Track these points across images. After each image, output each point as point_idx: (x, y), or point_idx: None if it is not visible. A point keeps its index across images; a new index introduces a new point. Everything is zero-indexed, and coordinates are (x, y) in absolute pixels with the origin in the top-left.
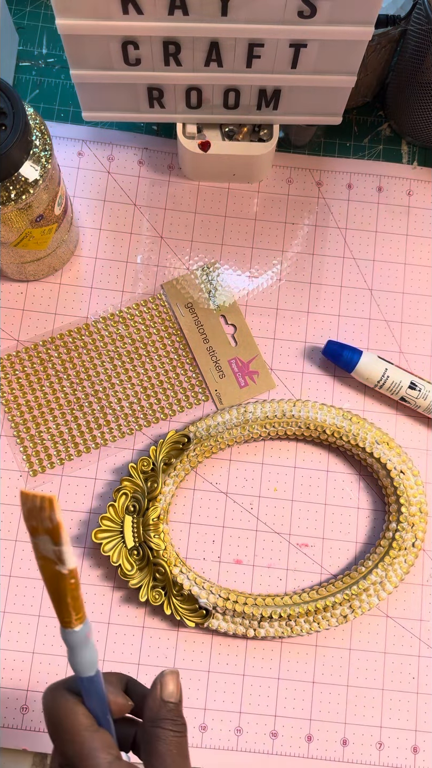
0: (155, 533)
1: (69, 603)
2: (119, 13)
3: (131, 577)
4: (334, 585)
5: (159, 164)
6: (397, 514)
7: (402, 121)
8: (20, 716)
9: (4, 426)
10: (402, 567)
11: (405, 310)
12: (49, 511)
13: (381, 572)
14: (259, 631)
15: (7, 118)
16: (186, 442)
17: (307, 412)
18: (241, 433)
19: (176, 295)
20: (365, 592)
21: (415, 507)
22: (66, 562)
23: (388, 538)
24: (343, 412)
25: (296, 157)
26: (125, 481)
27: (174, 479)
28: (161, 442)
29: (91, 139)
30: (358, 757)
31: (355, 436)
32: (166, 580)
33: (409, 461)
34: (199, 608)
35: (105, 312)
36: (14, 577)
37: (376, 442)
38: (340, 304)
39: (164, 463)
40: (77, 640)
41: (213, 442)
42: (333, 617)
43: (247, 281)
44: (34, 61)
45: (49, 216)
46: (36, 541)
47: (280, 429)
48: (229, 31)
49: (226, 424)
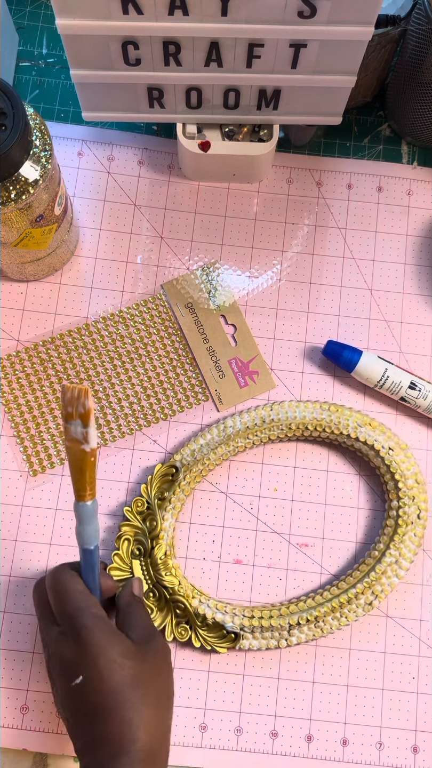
0: (166, 571)
1: (87, 478)
2: (119, 13)
3: (153, 619)
4: (352, 576)
5: (159, 164)
6: (396, 491)
7: (402, 121)
8: (20, 716)
9: (4, 426)
10: (413, 541)
11: (405, 310)
12: (84, 399)
13: (394, 552)
14: (291, 639)
15: (7, 118)
16: (175, 473)
17: (285, 413)
18: (227, 450)
19: (176, 295)
20: (384, 575)
21: (411, 480)
22: (90, 441)
23: (392, 517)
24: (320, 403)
25: (296, 157)
26: (124, 526)
27: (171, 512)
28: (150, 478)
29: (91, 139)
30: (358, 757)
31: (337, 424)
32: (188, 613)
33: (394, 437)
34: (227, 633)
35: (105, 312)
36: (14, 577)
37: (358, 425)
38: (340, 304)
39: (158, 498)
40: (87, 513)
41: (201, 466)
42: (359, 607)
43: (247, 281)
44: (34, 61)
45: (49, 216)
46: (68, 426)
47: (263, 436)
48: (229, 31)
49: (210, 444)
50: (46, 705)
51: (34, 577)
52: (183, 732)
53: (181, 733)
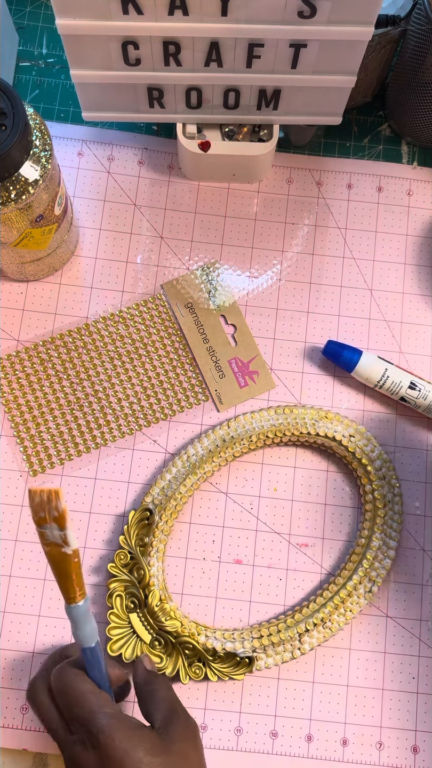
0: (165, 616)
1: (73, 580)
2: (119, 13)
3: (165, 667)
4: (347, 568)
5: (159, 164)
6: (366, 474)
7: (402, 121)
8: (20, 716)
9: (4, 426)
10: (396, 520)
11: (405, 310)
12: (56, 502)
13: (380, 534)
14: (304, 647)
15: (7, 118)
16: (150, 515)
17: (242, 427)
18: (195, 479)
19: (176, 295)
20: (376, 560)
21: (378, 461)
22: (71, 544)
23: (370, 501)
24: (274, 409)
25: (296, 157)
26: (112, 583)
27: (156, 556)
28: (126, 527)
29: (91, 139)
30: (358, 757)
31: (295, 425)
32: (198, 651)
33: (353, 423)
34: (241, 659)
35: (105, 312)
36: (14, 577)
37: (315, 421)
38: (340, 304)
39: (139, 546)
40: (80, 614)
41: (174, 502)
42: (360, 597)
43: (247, 281)
44: (34, 61)
45: (49, 216)
46: (42, 531)
47: (228, 455)
48: (229, 31)
49: (177, 477)
50: None
51: (34, 577)
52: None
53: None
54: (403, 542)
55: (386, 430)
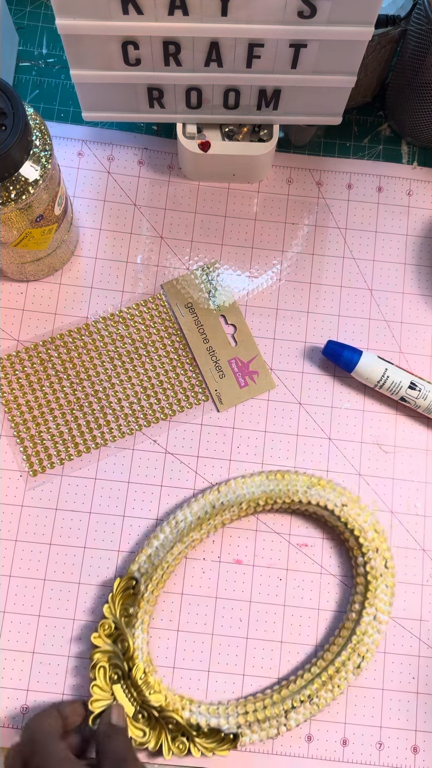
0: (149, 690)
1: None
2: (119, 13)
3: (147, 741)
4: (336, 643)
5: (159, 164)
6: (358, 546)
7: (402, 121)
8: (20, 716)
9: (4, 426)
10: (386, 593)
11: (405, 310)
12: None
13: (371, 609)
14: (290, 723)
15: (7, 118)
16: (135, 584)
17: (233, 493)
18: (183, 547)
19: (176, 295)
20: (365, 635)
21: (370, 531)
22: None
23: (361, 574)
24: (266, 474)
25: (296, 157)
26: (96, 654)
27: (141, 627)
28: (111, 596)
29: (91, 139)
30: (358, 757)
31: (287, 492)
32: (182, 726)
33: (346, 492)
34: (225, 735)
35: (105, 312)
36: (14, 577)
37: (307, 488)
38: (340, 304)
39: (124, 616)
40: None
41: (160, 571)
42: (348, 673)
43: (247, 281)
44: (34, 61)
45: (49, 216)
46: None
47: (217, 522)
48: (229, 31)
49: (164, 545)
50: (46, 705)
51: (34, 577)
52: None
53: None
54: (403, 542)
55: (386, 430)
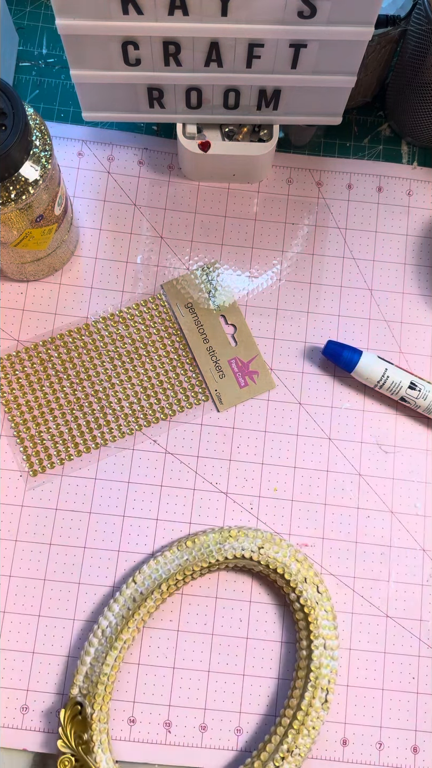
0: None
1: None
2: (119, 13)
3: None
4: (297, 686)
5: (159, 164)
6: (286, 583)
7: (402, 121)
8: (20, 716)
9: (4, 426)
10: (328, 618)
11: (405, 310)
12: None
13: (319, 641)
14: None
15: (7, 118)
16: (81, 708)
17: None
18: (116, 654)
19: (176, 295)
20: (322, 667)
21: (293, 564)
22: None
23: (299, 609)
24: (176, 545)
25: (296, 157)
26: None
27: (102, 748)
28: (60, 729)
29: (91, 139)
30: (358, 757)
31: (201, 557)
32: None
33: (259, 533)
34: None
35: (105, 312)
36: (14, 577)
37: (219, 545)
38: (340, 304)
39: (81, 745)
40: None
41: (101, 686)
42: (318, 710)
43: (247, 281)
44: (34, 61)
45: (49, 216)
46: None
47: (144, 614)
48: (229, 31)
49: (98, 659)
50: (46, 705)
51: (34, 577)
52: (183, 732)
53: (181, 733)
54: (403, 542)
55: (386, 430)
